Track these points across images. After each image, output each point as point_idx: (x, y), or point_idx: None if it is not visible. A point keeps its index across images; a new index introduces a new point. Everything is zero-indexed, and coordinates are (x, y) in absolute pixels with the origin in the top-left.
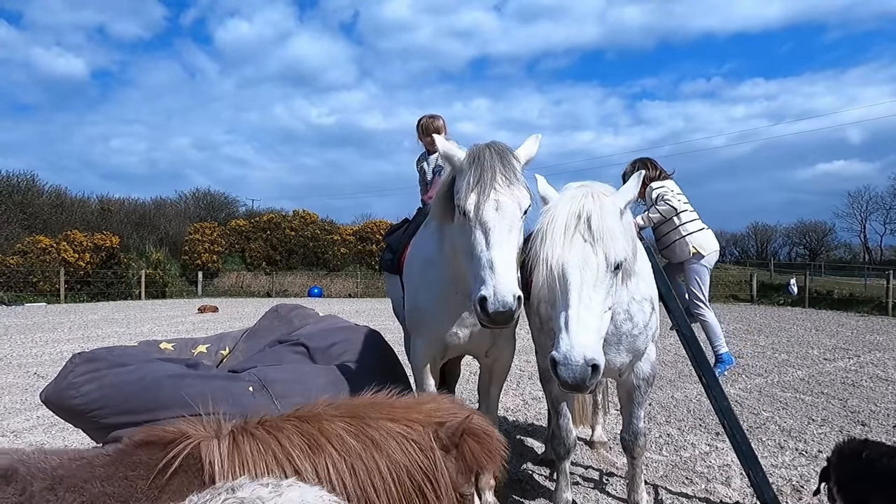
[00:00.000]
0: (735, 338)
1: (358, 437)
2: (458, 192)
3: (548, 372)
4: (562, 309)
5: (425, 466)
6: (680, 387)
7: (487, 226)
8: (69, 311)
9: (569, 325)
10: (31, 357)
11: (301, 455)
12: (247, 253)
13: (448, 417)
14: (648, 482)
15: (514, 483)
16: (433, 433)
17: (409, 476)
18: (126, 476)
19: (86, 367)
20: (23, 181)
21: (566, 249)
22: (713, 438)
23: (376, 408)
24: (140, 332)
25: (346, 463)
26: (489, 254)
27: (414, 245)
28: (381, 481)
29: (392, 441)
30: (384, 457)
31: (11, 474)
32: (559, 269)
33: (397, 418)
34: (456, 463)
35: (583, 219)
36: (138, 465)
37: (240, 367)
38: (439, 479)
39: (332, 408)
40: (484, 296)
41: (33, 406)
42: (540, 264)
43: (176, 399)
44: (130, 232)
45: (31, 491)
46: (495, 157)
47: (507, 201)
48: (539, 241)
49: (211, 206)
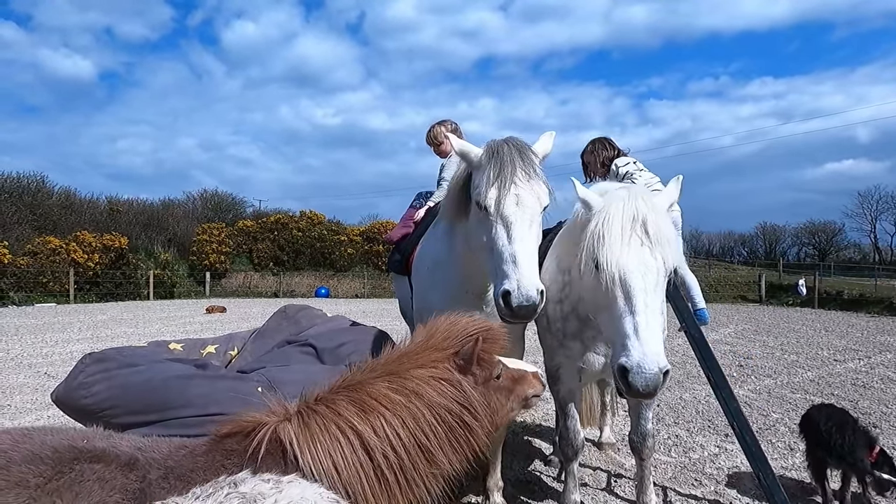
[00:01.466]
0: (744, 339)
1: (399, 391)
2: (477, 187)
3: (556, 372)
4: (625, 314)
5: (459, 398)
6: (688, 388)
7: (508, 220)
8: (79, 312)
9: (639, 332)
10: (42, 357)
11: (359, 419)
12: (254, 253)
13: (460, 344)
14: (657, 484)
15: (522, 484)
16: (455, 365)
17: (448, 411)
18: (223, 464)
19: (96, 368)
20: (32, 182)
21: (625, 253)
22: (722, 440)
23: (404, 360)
24: (148, 332)
25: (396, 416)
26: (511, 248)
27: (423, 245)
28: (427, 424)
29: (426, 386)
30: (424, 402)
31: (134, 462)
32: (620, 274)
33: (423, 363)
34: (480, 375)
35: (639, 222)
36: (231, 454)
37: (248, 367)
38: (473, 404)
39: (369, 371)
40: (507, 290)
41: (44, 405)
42: (602, 268)
43: (185, 399)
44: (139, 233)
45: (150, 479)
46: (514, 152)
47: (527, 196)
48: (595, 244)
49: (218, 206)
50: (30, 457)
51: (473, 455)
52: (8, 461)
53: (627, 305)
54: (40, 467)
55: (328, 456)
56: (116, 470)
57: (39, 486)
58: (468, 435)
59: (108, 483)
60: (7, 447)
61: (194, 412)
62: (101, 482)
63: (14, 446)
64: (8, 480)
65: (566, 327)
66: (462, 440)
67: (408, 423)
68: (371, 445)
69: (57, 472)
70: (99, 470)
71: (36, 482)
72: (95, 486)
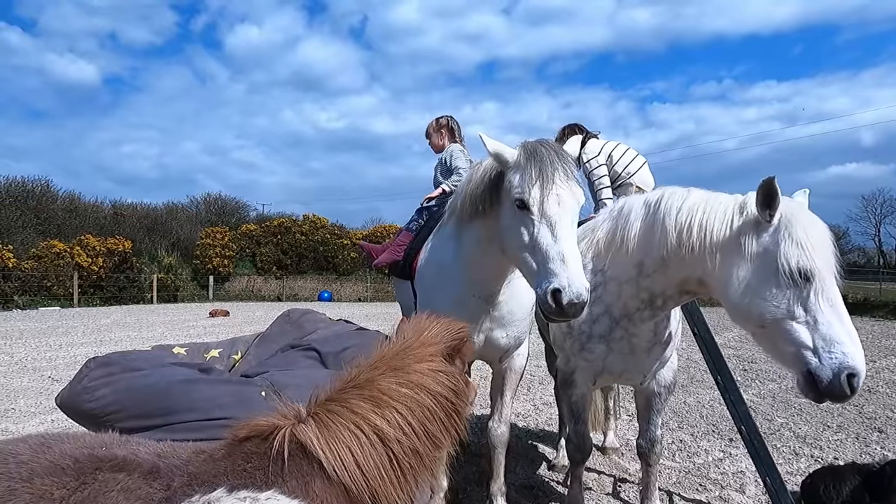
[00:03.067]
0: (748, 342)
1: (406, 385)
2: (517, 186)
3: (571, 376)
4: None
5: (455, 387)
6: (692, 392)
7: (552, 219)
8: (82, 315)
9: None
10: (46, 361)
11: (373, 413)
12: (257, 257)
13: (448, 339)
14: (662, 489)
15: (526, 489)
16: (447, 357)
17: (447, 399)
18: (245, 469)
19: (100, 372)
20: (37, 186)
21: None
22: (727, 445)
23: (403, 355)
24: (152, 336)
25: (406, 408)
26: (558, 247)
27: (427, 250)
28: (431, 412)
29: (428, 378)
30: (428, 393)
31: (156, 471)
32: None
33: (422, 358)
34: (462, 367)
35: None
36: (251, 457)
37: (252, 371)
38: (462, 391)
39: (374, 369)
40: (557, 287)
41: (48, 409)
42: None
43: (188, 403)
44: (143, 236)
45: (174, 487)
46: (553, 153)
47: (566, 195)
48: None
49: (222, 210)
50: (51, 468)
51: (460, 437)
52: (31, 473)
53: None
54: (63, 479)
55: (349, 453)
56: (140, 479)
57: (64, 498)
58: (459, 419)
59: (133, 493)
60: (27, 458)
61: (198, 416)
62: (125, 492)
63: (34, 457)
64: (32, 493)
65: (593, 329)
66: (456, 424)
67: (416, 413)
68: (389, 438)
69: (81, 484)
70: (122, 479)
71: (60, 494)
72: (120, 497)
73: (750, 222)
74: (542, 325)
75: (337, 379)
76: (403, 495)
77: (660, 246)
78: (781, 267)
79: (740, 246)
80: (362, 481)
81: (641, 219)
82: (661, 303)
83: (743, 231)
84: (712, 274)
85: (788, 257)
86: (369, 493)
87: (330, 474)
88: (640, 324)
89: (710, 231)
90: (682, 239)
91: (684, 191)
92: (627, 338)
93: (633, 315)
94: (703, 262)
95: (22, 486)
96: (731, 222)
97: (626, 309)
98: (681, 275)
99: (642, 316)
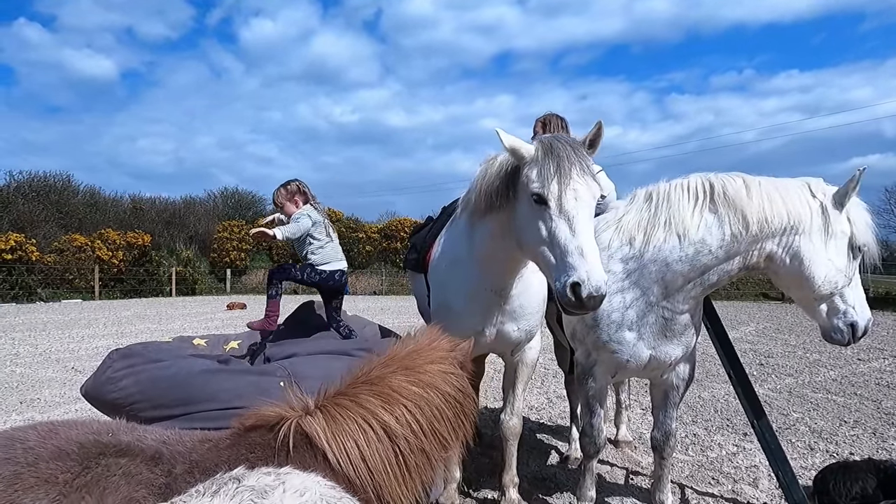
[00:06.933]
0: (765, 337)
1: (416, 383)
2: (535, 180)
3: (591, 370)
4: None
5: (463, 388)
6: (707, 386)
7: (570, 214)
8: (103, 308)
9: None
10: (69, 352)
11: (381, 409)
12: (274, 251)
13: (457, 343)
14: (674, 482)
15: (539, 480)
16: (455, 360)
17: (455, 399)
18: (248, 458)
19: (123, 363)
20: (59, 181)
21: None
22: (741, 439)
23: (416, 355)
24: (171, 328)
25: (415, 406)
26: (576, 241)
27: (441, 244)
28: (439, 411)
29: (438, 378)
30: (438, 392)
31: (159, 456)
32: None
33: (434, 359)
34: (467, 370)
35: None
36: (255, 447)
37: (281, 353)
38: (470, 395)
39: (385, 367)
40: (577, 281)
41: (72, 399)
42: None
43: (209, 393)
44: (161, 230)
45: (175, 473)
46: (569, 149)
47: (584, 191)
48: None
49: (238, 204)
50: (56, 453)
51: (466, 437)
52: (36, 458)
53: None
54: (67, 463)
55: (355, 447)
56: (142, 464)
57: (68, 482)
58: (465, 419)
59: (134, 478)
60: (34, 444)
61: (218, 406)
62: (126, 477)
63: (41, 443)
64: (37, 477)
65: (625, 317)
66: (464, 425)
67: (425, 412)
68: (396, 435)
69: (84, 468)
70: (124, 464)
71: (64, 478)
72: (122, 482)
73: (828, 205)
74: (550, 320)
75: (348, 374)
76: (408, 493)
77: (733, 223)
78: (854, 243)
79: (823, 225)
80: (367, 476)
81: (698, 200)
82: (715, 279)
83: (824, 212)
84: (789, 249)
85: (860, 236)
86: (373, 488)
87: (334, 467)
88: (682, 304)
89: (789, 211)
90: (764, 216)
91: (742, 175)
92: (662, 321)
93: (677, 295)
94: (780, 238)
95: (27, 470)
96: (808, 203)
97: (667, 291)
98: (752, 249)
99: (688, 296)
